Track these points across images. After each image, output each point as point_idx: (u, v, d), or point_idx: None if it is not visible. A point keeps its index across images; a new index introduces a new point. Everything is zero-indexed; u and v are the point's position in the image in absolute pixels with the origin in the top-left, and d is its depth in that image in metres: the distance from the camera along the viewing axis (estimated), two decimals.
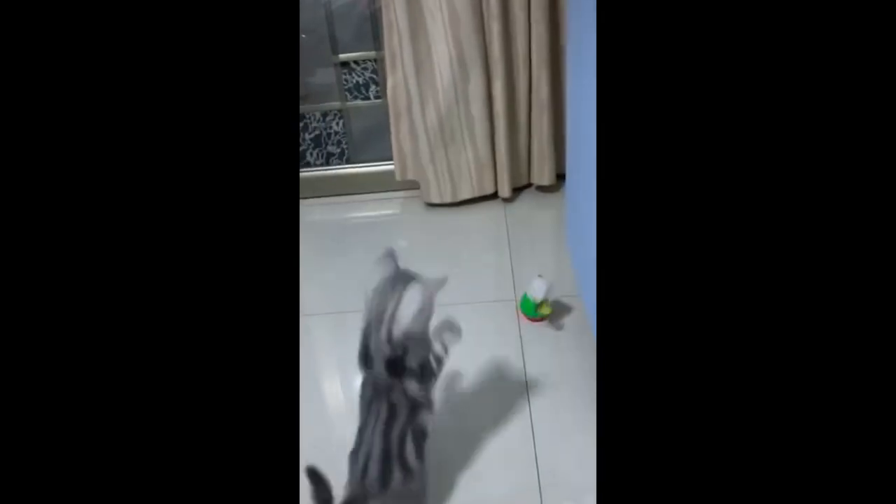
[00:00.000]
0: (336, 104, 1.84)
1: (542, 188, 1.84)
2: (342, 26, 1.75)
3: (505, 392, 1.18)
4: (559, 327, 1.32)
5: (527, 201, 1.82)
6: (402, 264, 0.95)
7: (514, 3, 1.58)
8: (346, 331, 1.40)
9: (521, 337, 1.30)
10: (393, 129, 1.76)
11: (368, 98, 1.84)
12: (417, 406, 0.93)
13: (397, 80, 1.69)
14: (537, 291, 1.28)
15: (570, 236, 1.36)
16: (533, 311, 1.33)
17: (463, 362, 1.26)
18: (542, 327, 1.33)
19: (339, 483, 0.91)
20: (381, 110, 1.82)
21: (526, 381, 1.19)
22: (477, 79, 1.65)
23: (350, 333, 1.39)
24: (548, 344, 1.28)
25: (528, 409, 1.13)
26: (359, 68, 1.80)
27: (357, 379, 0.96)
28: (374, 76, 1.80)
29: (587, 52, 0.99)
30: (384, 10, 1.61)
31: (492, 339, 1.32)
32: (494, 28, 1.59)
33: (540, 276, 1.29)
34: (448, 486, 1.01)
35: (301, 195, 1.90)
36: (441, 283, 0.92)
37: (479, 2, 1.57)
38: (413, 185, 1.86)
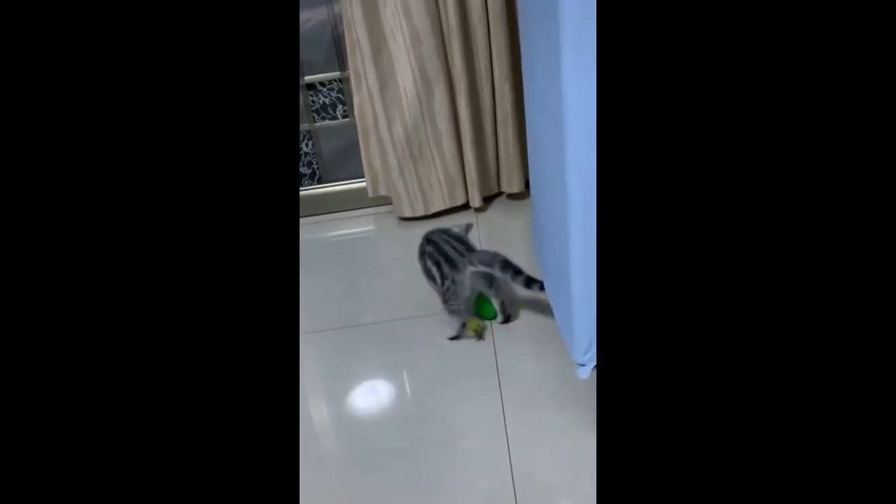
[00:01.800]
0: (304, 126, 1.87)
1: (512, 196, 1.87)
2: (305, 50, 1.78)
3: (479, 399, 1.19)
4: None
5: (498, 210, 1.85)
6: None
7: (473, 19, 1.62)
8: (327, 349, 1.41)
9: (494, 343, 1.32)
10: (362, 147, 1.79)
11: (336, 118, 1.87)
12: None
13: (363, 98, 1.72)
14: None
15: (535, 241, 1.39)
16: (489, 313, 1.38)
17: (437, 371, 1.28)
18: (514, 328, 1.35)
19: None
20: (349, 129, 1.85)
21: (499, 387, 1.21)
22: (441, 94, 1.68)
23: (332, 351, 1.41)
24: (520, 348, 1.30)
25: (501, 413, 1.15)
26: (325, 89, 1.83)
27: (345, 395, 0.98)
28: (341, 96, 1.83)
29: (536, 65, 1.03)
30: (346, 32, 1.64)
31: (466, 347, 1.33)
32: (455, 45, 1.62)
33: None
34: (427, 488, 1.03)
35: None
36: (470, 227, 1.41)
37: (438, 20, 1.61)
38: (386, 201, 1.89)
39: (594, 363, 0.97)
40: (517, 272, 1.21)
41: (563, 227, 0.91)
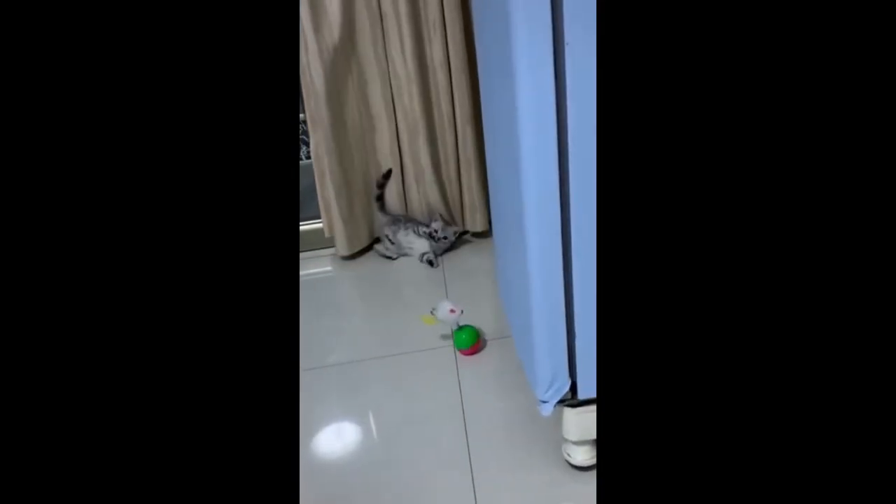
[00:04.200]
0: None
1: (476, 234, 1.90)
2: None
3: (445, 438, 1.19)
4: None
5: (463, 248, 1.87)
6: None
7: (435, 64, 1.67)
8: None
9: (459, 382, 1.33)
10: (318, 188, 1.80)
11: (301, 159, 1.87)
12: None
13: (319, 140, 1.74)
14: (440, 311, 1.39)
15: (498, 279, 1.41)
16: (460, 343, 1.39)
17: (401, 412, 1.27)
18: (478, 367, 1.36)
19: None
20: (311, 170, 1.86)
21: (465, 425, 1.21)
22: (397, 137, 1.73)
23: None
24: (485, 386, 1.31)
25: (467, 452, 1.14)
26: None
27: (309, 439, 0.97)
28: (305, 137, 1.84)
29: (495, 115, 1.06)
30: (301, 76, 1.66)
31: (431, 387, 1.33)
32: (414, 90, 1.67)
33: (452, 310, 1.39)
34: None
35: None
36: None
37: (393, 66, 1.65)
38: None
39: (556, 399, 0.99)
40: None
41: (523, 266, 0.93)
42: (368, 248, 1.89)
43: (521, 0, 0.75)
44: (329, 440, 1.24)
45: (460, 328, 1.40)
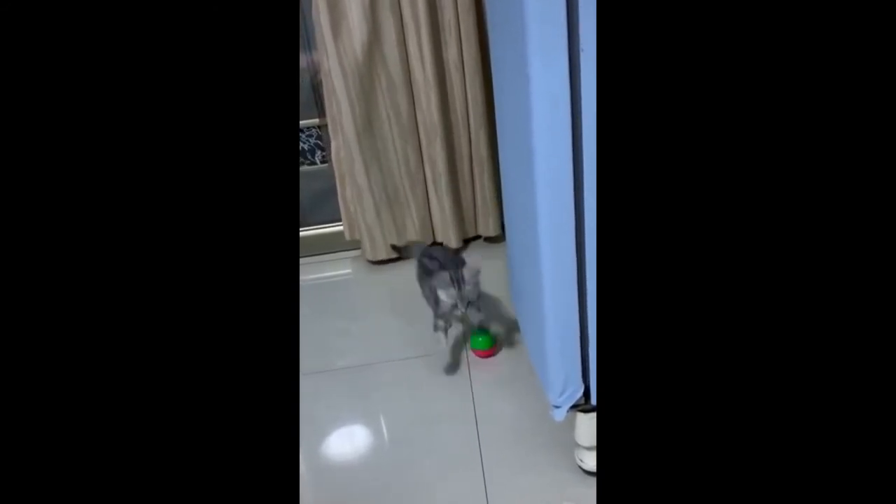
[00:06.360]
0: None
1: (489, 239, 1.90)
2: None
3: (456, 441, 1.19)
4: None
5: (475, 252, 1.88)
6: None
7: (450, 67, 1.68)
8: (304, 393, 1.39)
9: (471, 386, 1.33)
10: (339, 191, 1.81)
11: (315, 163, 1.89)
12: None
13: (339, 144, 1.75)
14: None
15: (511, 284, 1.41)
16: (477, 344, 1.40)
17: (413, 415, 1.28)
18: (491, 371, 1.36)
19: None
20: (328, 174, 1.87)
21: (477, 429, 1.21)
22: (416, 141, 1.73)
23: (308, 396, 1.40)
24: (496, 390, 1.31)
25: (479, 456, 1.15)
26: (303, 136, 1.86)
27: (321, 441, 0.98)
28: (319, 142, 1.86)
29: (508, 117, 1.06)
30: (324, 79, 1.68)
31: (443, 390, 1.33)
32: (432, 94, 1.68)
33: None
34: None
35: None
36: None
37: (414, 70, 1.67)
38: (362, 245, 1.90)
39: (569, 405, 0.98)
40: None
41: (536, 270, 0.93)
42: (397, 259, 1.89)
43: (537, 6, 0.75)
44: (341, 442, 1.25)
45: (479, 330, 1.41)
